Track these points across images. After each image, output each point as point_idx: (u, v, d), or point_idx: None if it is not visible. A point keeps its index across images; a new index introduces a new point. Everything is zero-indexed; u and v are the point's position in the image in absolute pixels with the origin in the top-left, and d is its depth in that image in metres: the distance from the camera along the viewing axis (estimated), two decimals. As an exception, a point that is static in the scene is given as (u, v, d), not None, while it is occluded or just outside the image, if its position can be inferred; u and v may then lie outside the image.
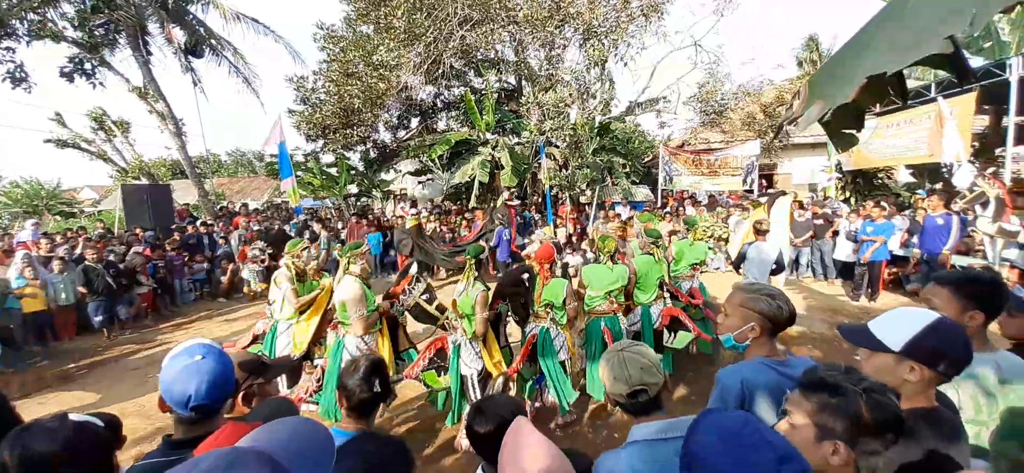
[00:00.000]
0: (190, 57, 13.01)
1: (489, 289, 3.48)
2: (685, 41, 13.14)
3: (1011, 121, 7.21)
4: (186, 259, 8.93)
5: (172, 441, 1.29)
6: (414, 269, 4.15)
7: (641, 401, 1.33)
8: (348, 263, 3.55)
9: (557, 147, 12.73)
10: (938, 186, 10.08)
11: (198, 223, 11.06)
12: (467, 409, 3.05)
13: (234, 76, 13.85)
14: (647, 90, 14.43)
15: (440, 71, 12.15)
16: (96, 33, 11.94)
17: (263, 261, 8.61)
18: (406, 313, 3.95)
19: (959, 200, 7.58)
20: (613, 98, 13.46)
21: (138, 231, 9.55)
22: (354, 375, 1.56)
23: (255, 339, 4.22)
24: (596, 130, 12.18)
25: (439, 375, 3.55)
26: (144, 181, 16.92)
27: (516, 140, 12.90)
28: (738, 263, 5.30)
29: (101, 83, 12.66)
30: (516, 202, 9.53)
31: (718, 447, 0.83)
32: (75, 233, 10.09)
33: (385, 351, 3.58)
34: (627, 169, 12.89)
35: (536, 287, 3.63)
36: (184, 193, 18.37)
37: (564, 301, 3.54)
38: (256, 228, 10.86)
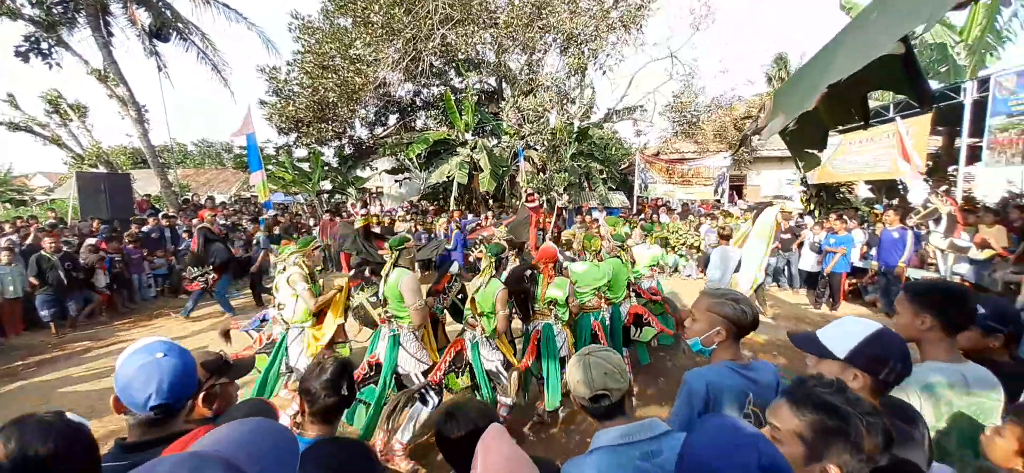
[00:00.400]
0: (155, 40, 12.45)
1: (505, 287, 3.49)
2: (662, 53, 13.44)
3: (964, 142, 7.66)
4: (145, 254, 8.51)
5: (125, 444, 1.22)
6: (454, 268, 4.10)
7: (603, 406, 1.31)
8: (397, 256, 3.34)
9: (536, 151, 12.79)
10: (895, 202, 10.63)
11: (160, 215, 10.58)
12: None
13: (203, 63, 13.34)
14: (625, 98, 14.70)
15: (419, 69, 12.04)
16: (54, 11, 11.29)
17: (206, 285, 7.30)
18: (445, 311, 3.97)
19: (914, 216, 8.02)
20: (593, 105, 13.64)
21: (95, 223, 9.05)
22: (319, 377, 1.47)
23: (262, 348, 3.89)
24: (574, 135, 12.30)
25: (457, 377, 3.50)
26: (102, 169, 16.09)
27: (495, 142, 12.89)
28: (704, 265, 5.62)
29: (58, 64, 11.99)
30: (535, 203, 9.22)
31: (707, 445, 0.86)
32: (26, 222, 9.49)
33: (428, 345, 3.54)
34: (604, 175, 13.06)
35: (540, 285, 3.69)
36: (145, 183, 17.53)
37: (568, 299, 3.65)
38: (222, 222, 10.45)
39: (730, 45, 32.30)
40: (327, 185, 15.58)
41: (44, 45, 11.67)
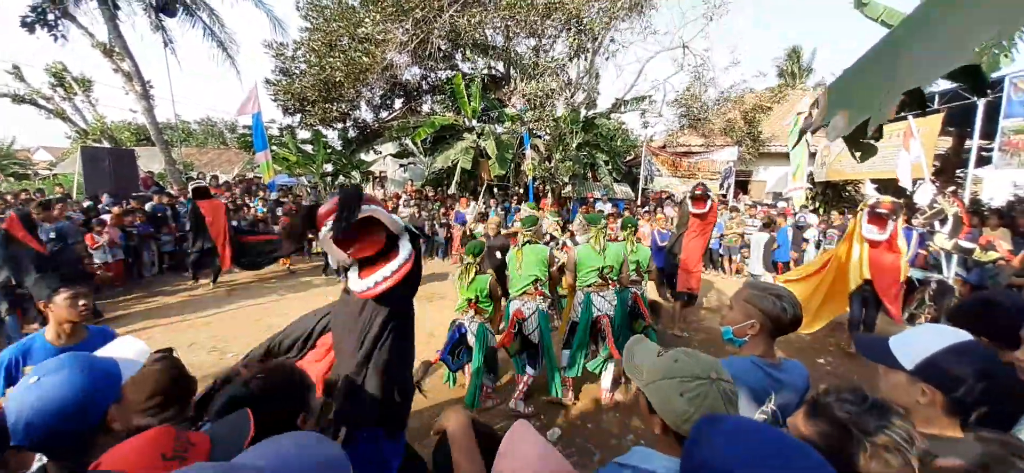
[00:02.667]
0: (162, 15, 12.35)
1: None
2: (674, 42, 13.27)
3: (975, 143, 7.60)
4: (152, 231, 8.52)
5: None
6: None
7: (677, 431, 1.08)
8: (480, 261, 3.81)
9: (541, 139, 12.73)
10: (900, 201, 10.57)
11: (164, 193, 10.59)
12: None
13: (208, 39, 13.25)
14: (634, 88, 14.56)
15: (427, 52, 11.93)
16: (60, -20, 11.21)
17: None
18: None
19: (920, 216, 7.99)
20: (598, 93, 13.53)
21: (103, 197, 9.07)
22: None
23: None
24: (581, 124, 12.22)
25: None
26: (105, 144, 16.07)
27: (501, 129, 12.81)
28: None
29: (63, 36, 11.89)
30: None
31: (740, 454, 0.75)
32: (31, 196, 9.51)
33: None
34: (609, 166, 13.00)
35: (514, 261, 3.86)
36: (149, 160, 17.52)
37: (549, 273, 3.87)
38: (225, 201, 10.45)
39: (743, 36, 32.01)
40: (330, 168, 15.55)
41: (50, 16, 11.58)
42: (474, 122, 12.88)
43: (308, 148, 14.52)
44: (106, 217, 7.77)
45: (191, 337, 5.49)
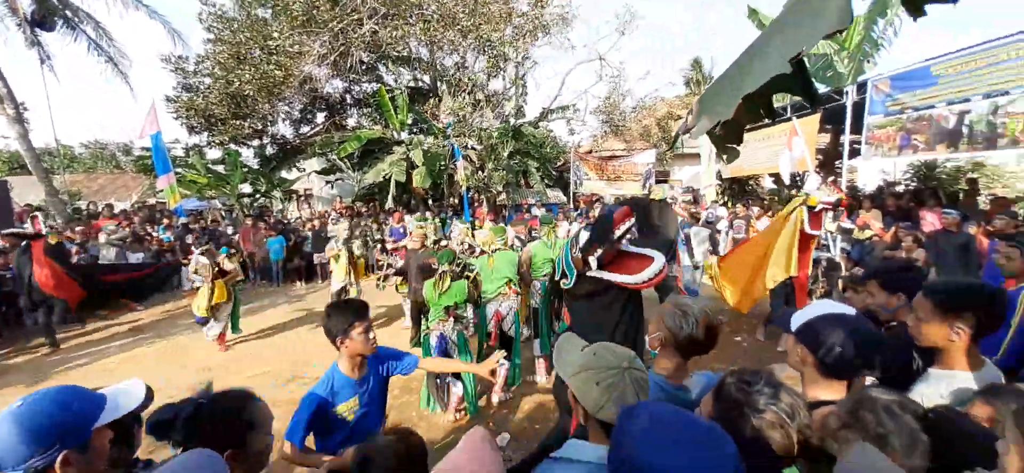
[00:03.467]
0: (38, 30, 10.87)
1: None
2: (591, 55, 14.00)
3: (846, 138, 8.77)
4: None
5: None
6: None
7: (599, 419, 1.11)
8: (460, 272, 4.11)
9: (474, 150, 12.82)
10: (793, 191, 11.93)
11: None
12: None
13: (94, 54, 11.85)
14: (558, 98, 15.15)
15: (349, 64, 11.56)
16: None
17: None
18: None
19: (808, 203, 9.09)
20: (524, 103, 13.93)
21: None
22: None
23: None
24: (510, 134, 12.47)
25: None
26: (-33, 176, 13.74)
27: (431, 140, 12.72)
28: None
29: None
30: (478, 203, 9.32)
31: (654, 441, 0.79)
32: None
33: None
34: (541, 173, 13.39)
35: (486, 267, 4.30)
36: (25, 191, 15.22)
37: (520, 273, 4.39)
38: (121, 235, 9.36)
39: (653, 49, 34.63)
40: (247, 188, 14.50)
41: None
42: (403, 135, 12.67)
43: (220, 168, 13.43)
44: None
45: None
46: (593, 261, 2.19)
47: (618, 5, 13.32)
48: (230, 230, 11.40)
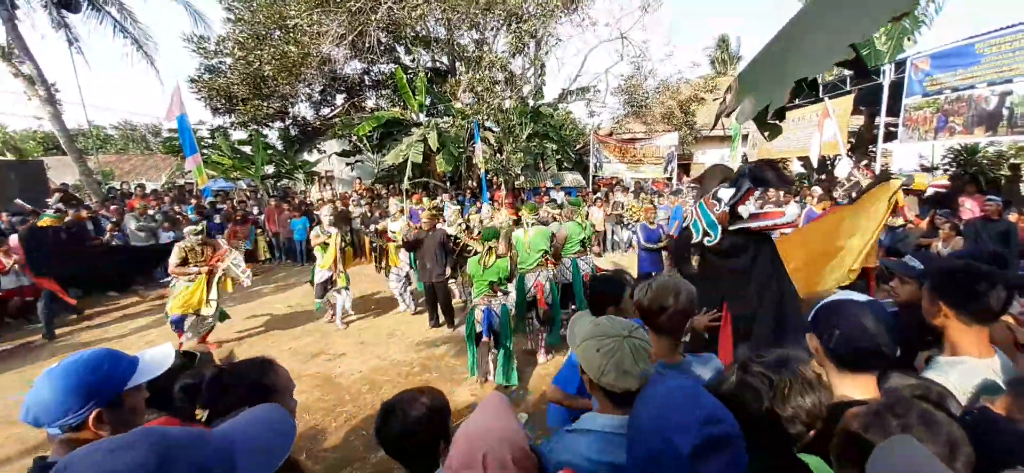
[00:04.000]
0: (63, 11, 11.12)
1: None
2: (613, 34, 13.64)
3: (882, 120, 8.38)
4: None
5: (45, 463, 1.13)
6: None
7: (620, 394, 1.12)
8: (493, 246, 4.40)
9: (492, 131, 12.72)
10: (823, 177, 11.52)
11: (82, 207, 9.60)
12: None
13: (120, 36, 12.09)
14: (578, 78, 14.85)
15: (366, 45, 11.52)
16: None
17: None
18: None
19: (839, 188, 8.77)
20: (543, 84, 13.68)
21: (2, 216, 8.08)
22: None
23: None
24: (529, 115, 12.32)
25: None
26: (9, 157, 14.33)
27: (450, 122, 12.68)
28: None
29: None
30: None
31: (651, 410, 0.86)
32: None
33: None
34: (559, 155, 13.22)
35: (522, 243, 4.77)
36: (60, 172, 15.82)
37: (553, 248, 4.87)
38: (154, 213, 9.64)
39: (678, 27, 33.56)
40: (271, 169, 14.74)
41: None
42: (421, 116, 12.65)
43: (246, 149, 13.66)
44: (13, 237, 6.94)
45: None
46: (744, 211, 2.36)
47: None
48: (255, 210, 11.65)
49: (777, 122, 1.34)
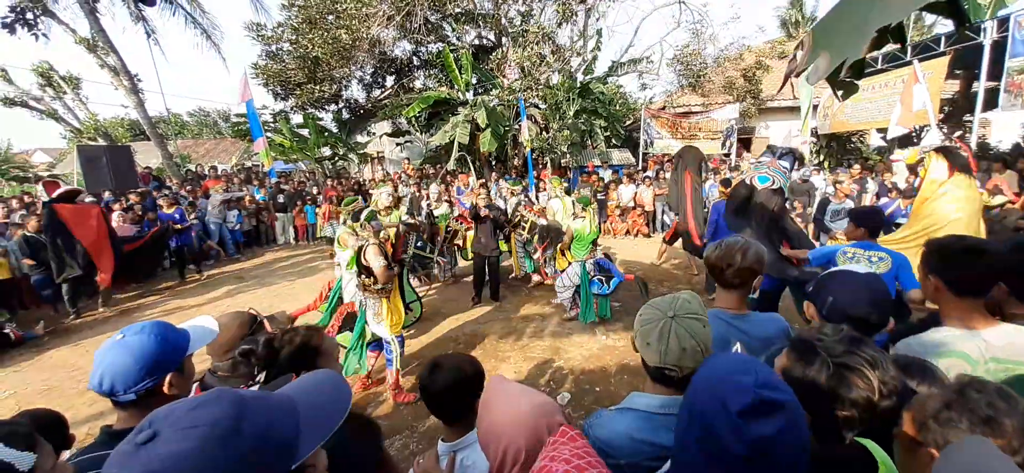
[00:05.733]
0: (141, 4, 12.05)
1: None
2: (669, -1, 12.83)
3: (982, 85, 7.38)
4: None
5: (112, 431, 1.20)
6: None
7: (668, 375, 1.13)
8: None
9: (538, 108, 12.49)
10: (906, 150, 10.37)
11: (164, 188, 10.55)
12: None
13: (191, 27, 12.97)
14: (630, 49, 14.18)
15: (414, 25, 11.60)
16: (35, -23, 10.91)
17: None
18: None
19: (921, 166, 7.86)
20: (596, 57, 13.16)
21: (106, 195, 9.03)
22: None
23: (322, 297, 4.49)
24: (577, 91, 11.96)
25: None
26: (101, 142, 15.95)
27: (496, 100, 12.59)
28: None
29: (45, 35, 11.66)
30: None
31: (706, 372, 0.86)
32: (34, 198, 9.51)
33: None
34: (607, 132, 12.78)
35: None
36: (145, 155, 17.45)
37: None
38: (226, 195, 10.40)
39: (739, -11, 30.75)
40: (327, 151, 15.42)
41: (30, 15, 11.33)
42: (468, 95, 12.64)
43: (304, 132, 14.36)
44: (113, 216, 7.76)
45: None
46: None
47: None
48: (314, 190, 12.27)
49: (853, 81, 1.19)
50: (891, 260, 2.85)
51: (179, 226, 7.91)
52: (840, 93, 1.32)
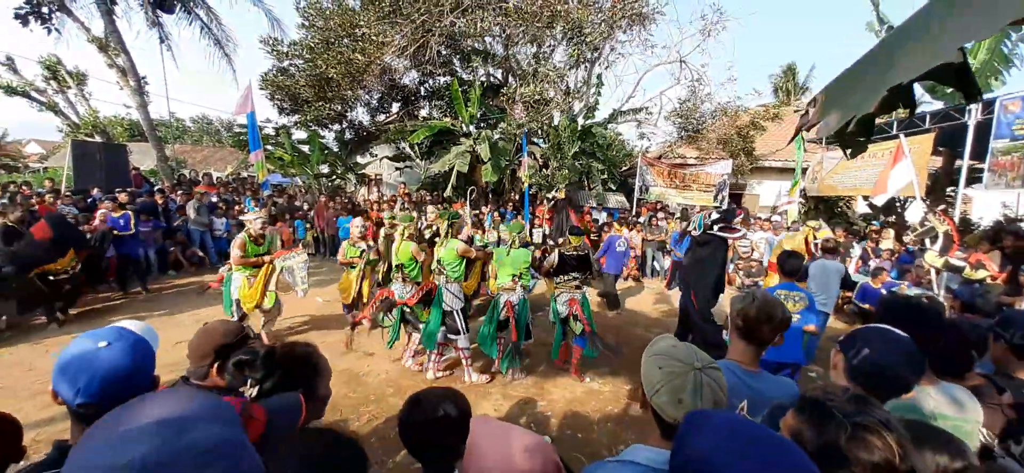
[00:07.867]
0: (159, 11, 12.29)
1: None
2: (672, 56, 13.36)
3: (965, 163, 7.67)
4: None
5: (63, 445, 1.06)
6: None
7: (670, 425, 1.08)
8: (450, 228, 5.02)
9: (539, 146, 12.70)
10: (891, 219, 10.65)
11: (155, 190, 10.45)
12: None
13: (205, 37, 13.19)
14: (631, 99, 14.62)
15: (427, 57, 11.91)
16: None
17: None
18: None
19: (910, 233, 8.05)
20: (598, 102, 13.55)
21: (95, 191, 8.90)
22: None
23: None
24: (578, 133, 12.23)
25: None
26: (97, 139, 15.89)
27: (499, 136, 12.80)
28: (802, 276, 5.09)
29: (57, 29, 11.80)
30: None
31: (708, 431, 0.79)
32: (19, 187, 9.35)
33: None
34: (604, 175, 13.00)
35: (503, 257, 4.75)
36: (141, 157, 17.37)
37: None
38: (215, 199, 10.34)
39: (739, 53, 32.35)
40: (325, 169, 15.48)
41: (45, 9, 11.48)
42: (471, 127, 12.86)
43: (304, 148, 14.43)
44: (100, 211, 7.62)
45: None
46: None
47: (705, 4, 12.43)
48: (305, 206, 12.22)
49: (861, 138, 1.23)
50: (808, 300, 3.56)
51: (118, 232, 7.14)
52: (849, 151, 1.36)
